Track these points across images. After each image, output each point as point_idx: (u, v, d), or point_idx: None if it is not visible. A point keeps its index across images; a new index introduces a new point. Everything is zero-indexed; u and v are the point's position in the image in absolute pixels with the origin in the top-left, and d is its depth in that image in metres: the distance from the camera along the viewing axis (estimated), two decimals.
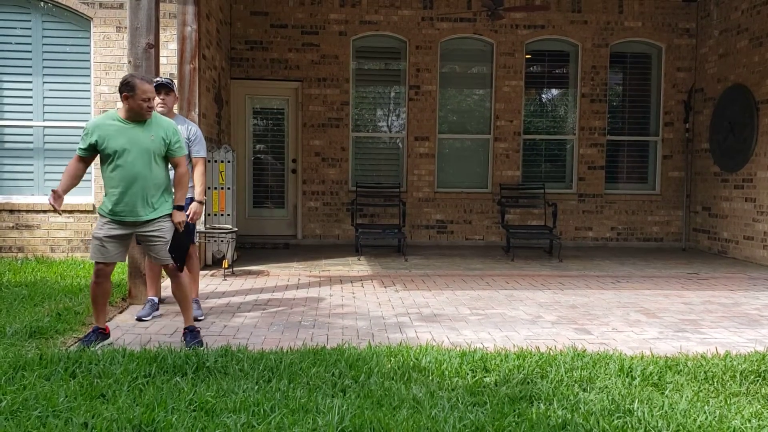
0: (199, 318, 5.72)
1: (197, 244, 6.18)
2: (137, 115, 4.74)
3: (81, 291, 6.38)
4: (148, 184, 4.75)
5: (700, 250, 11.05)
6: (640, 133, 11.62)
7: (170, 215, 4.89)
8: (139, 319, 5.66)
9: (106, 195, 4.81)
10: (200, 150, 5.78)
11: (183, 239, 5.03)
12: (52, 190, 4.66)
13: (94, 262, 4.82)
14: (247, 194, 11.13)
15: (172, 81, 5.78)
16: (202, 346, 4.77)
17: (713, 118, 10.78)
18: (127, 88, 4.68)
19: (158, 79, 5.73)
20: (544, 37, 11.29)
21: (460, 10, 11.02)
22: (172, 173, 5.11)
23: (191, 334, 4.92)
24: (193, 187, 5.78)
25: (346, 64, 11.01)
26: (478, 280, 7.94)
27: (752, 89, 9.78)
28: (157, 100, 5.65)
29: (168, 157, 4.89)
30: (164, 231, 4.84)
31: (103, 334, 4.89)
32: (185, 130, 5.74)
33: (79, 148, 4.81)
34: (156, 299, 5.92)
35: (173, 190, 4.97)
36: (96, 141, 4.72)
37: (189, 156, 5.75)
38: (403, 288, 7.37)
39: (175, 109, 6.05)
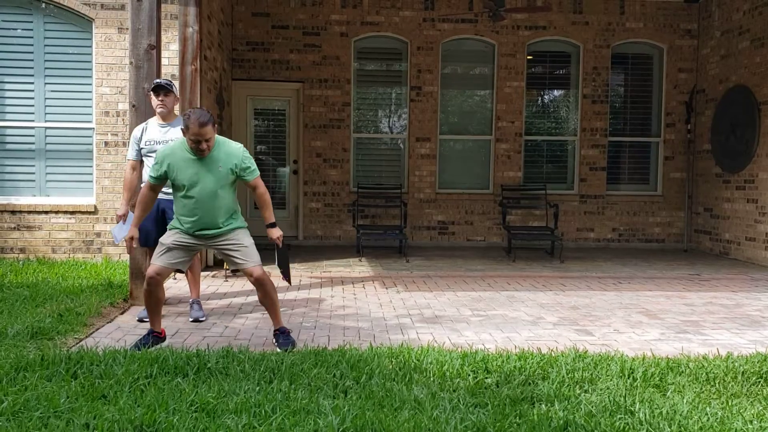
0: (201, 319, 5.73)
1: None
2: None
3: (83, 292, 6.39)
4: (217, 212, 4.77)
5: (701, 251, 11.04)
6: (641, 134, 11.62)
7: (241, 228, 4.89)
8: (141, 320, 5.66)
9: (177, 217, 4.82)
10: None
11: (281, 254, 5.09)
12: (128, 238, 4.75)
13: (152, 263, 4.81)
14: (248, 195, 11.12)
15: (172, 83, 5.79)
16: (295, 347, 4.77)
17: (715, 119, 10.77)
18: (183, 123, 4.65)
19: (157, 80, 5.74)
20: (546, 38, 11.28)
21: (461, 11, 11.02)
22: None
23: (283, 335, 4.91)
24: None
25: (348, 65, 11.01)
26: (480, 281, 7.93)
27: (754, 90, 9.77)
28: (156, 101, 5.67)
29: (242, 181, 4.88)
30: (240, 238, 4.85)
31: (157, 337, 4.90)
32: None
33: (151, 176, 4.83)
34: None
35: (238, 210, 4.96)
36: (166, 171, 4.73)
37: None
38: (404, 289, 7.37)
39: (177, 110, 6.06)
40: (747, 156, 9.89)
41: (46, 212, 8.38)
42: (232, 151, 4.82)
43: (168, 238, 4.81)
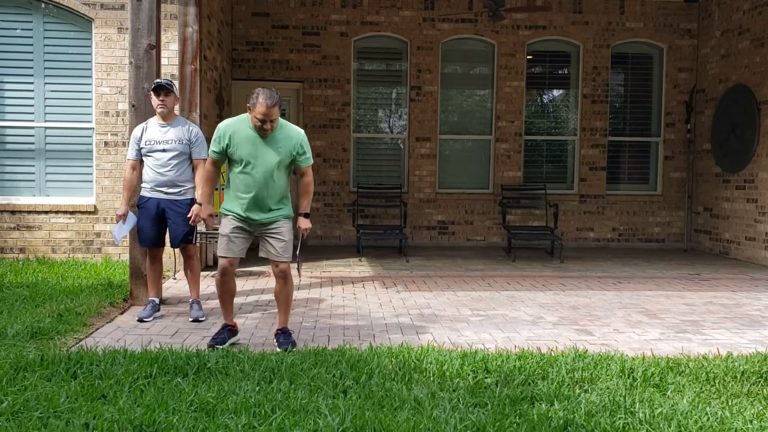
0: (201, 319, 5.72)
1: (198, 245, 6.18)
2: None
3: (82, 292, 6.38)
4: (271, 193, 4.80)
5: (701, 251, 11.04)
6: (641, 134, 11.62)
7: (288, 218, 4.92)
8: (141, 320, 5.66)
9: (229, 195, 4.87)
10: (201, 152, 5.78)
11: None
12: (205, 215, 4.99)
13: (219, 257, 4.85)
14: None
15: (172, 82, 5.79)
16: (294, 347, 4.80)
17: (715, 119, 10.77)
18: (250, 101, 4.68)
19: (158, 80, 5.74)
20: (546, 38, 11.28)
21: (461, 11, 11.02)
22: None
23: (284, 335, 4.92)
24: (194, 188, 5.79)
25: (348, 64, 11.01)
26: (480, 281, 7.93)
27: (754, 90, 9.77)
28: (157, 101, 5.67)
29: (295, 166, 4.92)
30: (282, 232, 4.88)
31: (231, 331, 4.94)
32: (186, 132, 5.75)
33: (212, 151, 4.88)
34: (157, 300, 5.92)
35: (289, 195, 5.00)
36: (228, 144, 4.77)
37: (190, 156, 5.77)
38: (404, 289, 7.37)
39: (177, 110, 6.06)
40: (747, 156, 9.89)
41: (46, 212, 8.37)
42: (293, 134, 4.85)
43: (226, 228, 4.85)
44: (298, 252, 5.18)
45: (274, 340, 4.95)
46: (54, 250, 8.40)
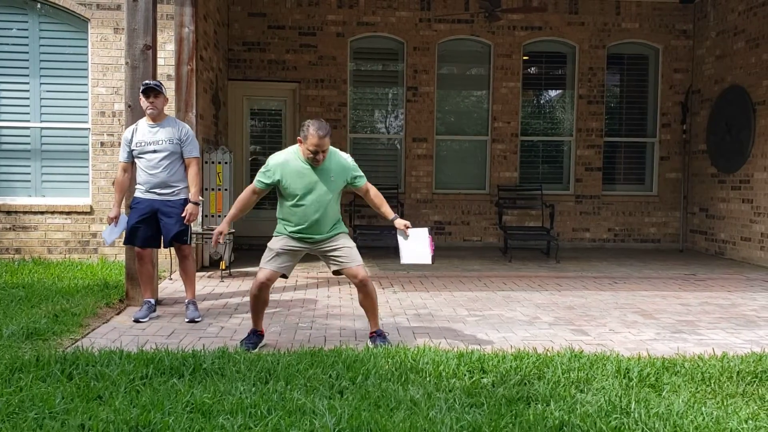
0: (196, 320, 5.72)
1: (194, 245, 6.18)
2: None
3: (78, 292, 6.37)
4: (326, 220, 4.86)
5: (697, 251, 11.06)
6: (637, 135, 11.64)
7: (341, 233, 4.97)
8: (137, 321, 5.66)
9: (281, 223, 4.90)
10: (193, 150, 5.80)
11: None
12: (216, 232, 4.86)
13: (261, 267, 4.85)
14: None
15: (161, 84, 5.80)
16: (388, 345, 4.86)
17: (710, 120, 10.79)
18: (301, 133, 4.73)
19: (147, 82, 5.74)
20: (542, 39, 11.30)
21: (457, 12, 11.03)
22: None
23: (380, 338, 4.98)
24: (187, 188, 5.79)
25: (344, 65, 11.01)
26: (476, 281, 7.94)
27: (749, 91, 9.79)
28: (146, 103, 5.67)
29: (353, 188, 5.02)
30: (343, 242, 4.93)
31: (260, 335, 4.99)
32: (177, 132, 5.76)
33: (259, 181, 4.88)
34: (152, 301, 5.92)
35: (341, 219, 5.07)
36: (279, 180, 4.80)
37: (181, 156, 5.77)
38: (401, 289, 7.37)
39: (172, 110, 6.05)
40: (742, 156, 9.91)
41: (42, 213, 8.35)
42: (343, 162, 4.92)
43: (276, 244, 4.88)
44: (404, 253, 5.07)
45: (369, 343, 4.98)
46: (50, 250, 8.38)
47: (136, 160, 5.77)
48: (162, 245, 5.94)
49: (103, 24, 8.32)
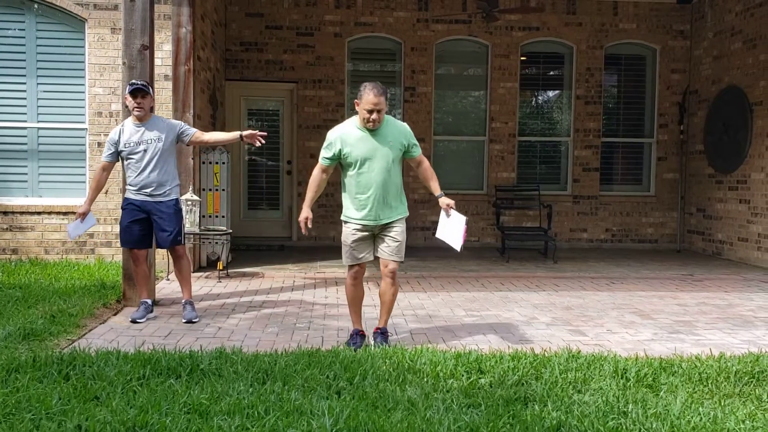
0: (194, 320, 5.71)
1: (186, 245, 6.17)
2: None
3: (75, 293, 6.36)
4: (389, 188, 4.91)
5: (694, 252, 11.07)
6: (634, 135, 11.65)
7: (405, 218, 5.04)
8: (134, 321, 5.65)
9: (349, 200, 4.99)
10: (191, 129, 5.92)
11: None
12: (302, 219, 4.99)
13: (348, 266, 5.04)
14: (241, 196, 11.11)
15: (148, 84, 5.80)
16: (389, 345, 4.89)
17: (707, 120, 10.81)
18: (358, 95, 4.82)
19: (134, 82, 5.73)
20: (539, 39, 11.30)
21: (455, 12, 11.03)
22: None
23: (381, 335, 5.03)
24: (179, 186, 5.94)
25: (342, 65, 11.01)
26: (474, 282, 7.94)
27: (746, 91, 9.81)
28: (134, 104, 5.66)
29: (408, 158, 5.04)
30: (399, 233, 4.98)
31: (362, 335, 5.03)
32: (165, 128, 5.77)
33: (324, 158, 4.99)
34: (150, 301, 5.91)
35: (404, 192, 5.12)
36: (340, 149, 4.87)
37: (171, 153, 5.82)
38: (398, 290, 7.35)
39: (169, 110, 6.05)
40: (739, 156, 9.92)
41: (39, 213, 8.34)
42: (400, 128, 5.00)
43: (347, 239, 5.00)
44: (441, 232, 5.17)
45: (371, 339, 5.03)
46: (47, 251, 8.36)
47: (125, 161, 5.77)
48: (158, 246, 5.93)
49: (101, 24, 8.31)
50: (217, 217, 8.26)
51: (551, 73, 11.75)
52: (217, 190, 8.32)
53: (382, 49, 11.30)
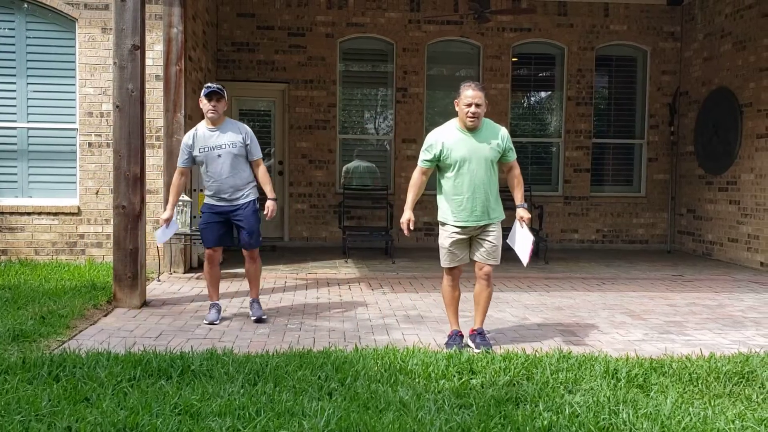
0: (263, 318, 5.78)
1: (182, 246, 6.15)
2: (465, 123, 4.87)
3: (65, 294, 6.33)
4: (488, 191, 4.94)
5: (685, 252, 11.13)
6: (625, 136, 11.69)
7: (498, 221, 5.05)
8: (211, 323, 5.64)
9: (446, 202, 4.98)
10: (258, 151, 5.90)
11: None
12: (404, 221, 5.01)
13: (445, 268, 5.07)
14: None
15: (223, 88, 5.79)
16: (491, 348, 4.89)
17: (698, 121, 10.86)
18: (459, 91, 4.88)
19: (209, 85, 5.72)
20: (531, 40, 11.33)
21: (446, 13, 11.04)
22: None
23: (480, 336, 5.04)
24: (255, 187, 5.90)
25: (333, 66, 11.00)
26: (465, 282, 7.87)
27: (736, 92, 9.86)
28: (208, 107, 5.67)
29: (501, 162, 5.07)
30: (495, 237, 5.00)
31: (460, 336, 5.05)
32: (240, 134, 5.74)
33: (424, 161, 5.02)
34: (219, 303, 5.91)
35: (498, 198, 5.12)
36: (441, 151, 4.89)
37: (246, 157, 5.79)
38: (390, 290, 7.37)
39: (161, 111, 6.02)
40: (729, 158, 9.98)
41: (29, 213, 8.29)
42: (498, 130, 5.03)
43: (445, 242, 5.02)
44: (515, 242, 5.12)
45: (469, 340, 5.05)
46: (37, 251, 8.32)
47: (201, 166, 5.76)
48: (243, 248, 5.93)
49: (91, 24, 8.28)
50: None
51: (542, 74, 11.78)
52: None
53: (373, 49, 11.30)
